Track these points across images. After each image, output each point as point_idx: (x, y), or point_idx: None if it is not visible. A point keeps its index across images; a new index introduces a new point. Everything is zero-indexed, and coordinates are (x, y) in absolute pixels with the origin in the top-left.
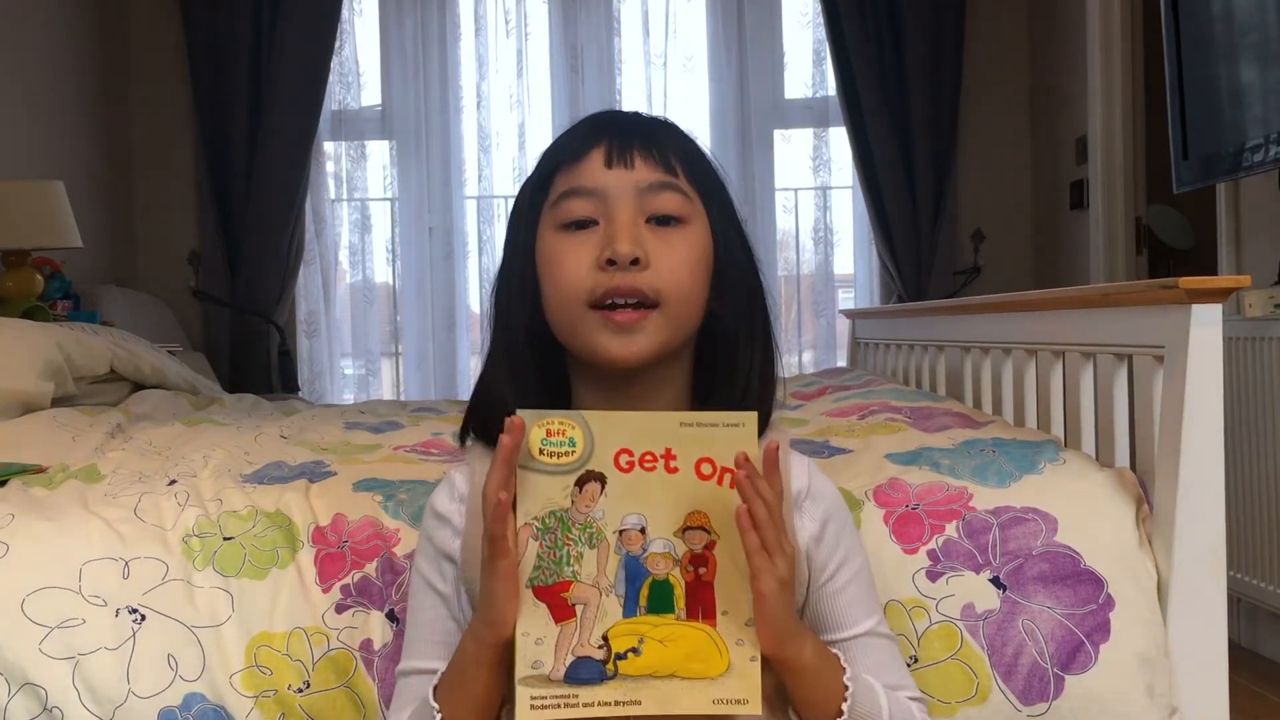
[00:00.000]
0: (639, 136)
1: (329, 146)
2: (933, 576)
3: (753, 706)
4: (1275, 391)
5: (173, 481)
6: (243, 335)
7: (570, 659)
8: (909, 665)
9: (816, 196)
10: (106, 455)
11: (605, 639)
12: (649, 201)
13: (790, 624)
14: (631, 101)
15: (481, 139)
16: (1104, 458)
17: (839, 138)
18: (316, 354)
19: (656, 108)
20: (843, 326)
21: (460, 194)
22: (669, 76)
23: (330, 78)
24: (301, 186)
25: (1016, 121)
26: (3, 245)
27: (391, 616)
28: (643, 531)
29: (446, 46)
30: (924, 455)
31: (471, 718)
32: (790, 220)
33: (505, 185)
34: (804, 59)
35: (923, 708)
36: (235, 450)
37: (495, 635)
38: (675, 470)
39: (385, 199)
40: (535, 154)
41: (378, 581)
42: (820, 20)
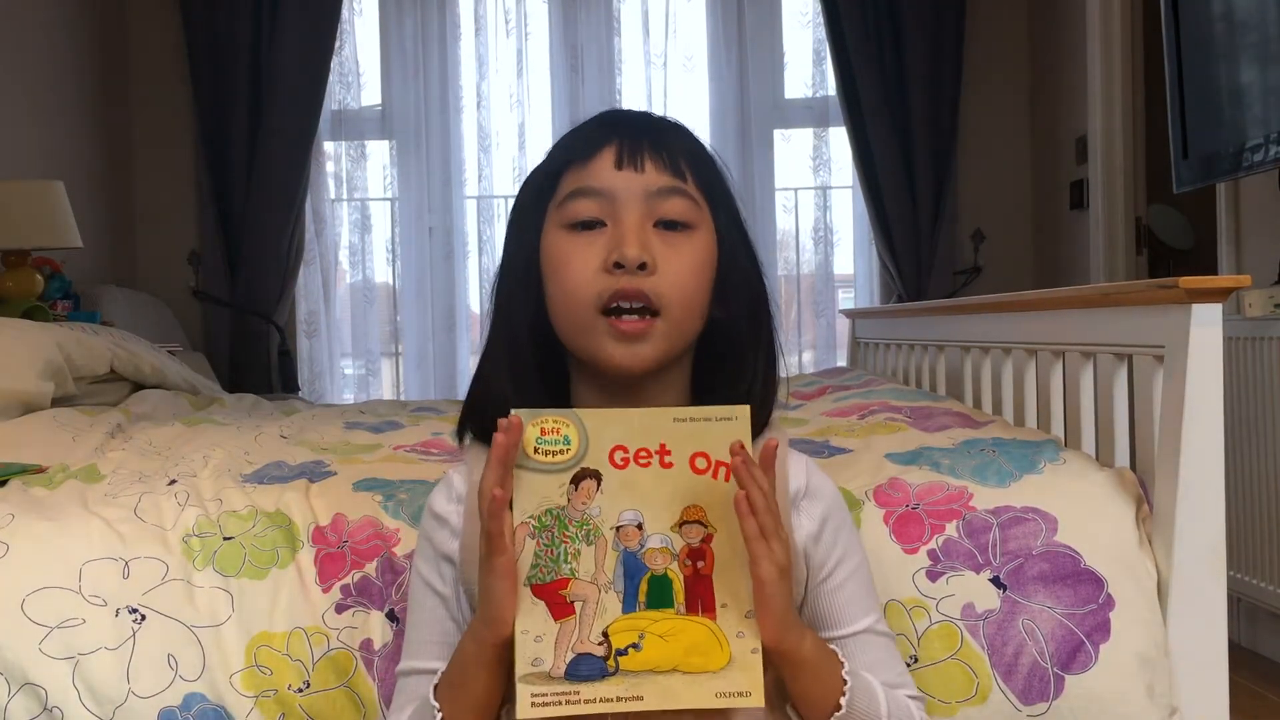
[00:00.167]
0: (649, 138)
1: (329, 146)
2: (933, 576)
3: (755, 699)
4: (1275, 391)
5: (173, 481)
6: (243, 335)
7: (570, 656)
8: (909, 665)
9: (816, 196)
10: (106, 455)
11: (605, 635)
12: (657, 206)
13: (790, 614)
14: (631, 101)
15: (481, 139)
16: (1104, 458)
17: (839, 138)
18: (316, 354)
19: (656, 108)
20: (843, 326)
21: (460, 194)
22: (669, 76)
23: (330, 78)
24: (301, 186)
25: (1016, 121)
26: (3, 245)
27: (391, 616)
28: (640, 527)
29: (446, 46)
30: (924, 455)
31: (472, 717)
32: (790, 220)
33: (505, 185)
34: (804, 59)
35: (920, 706)
36: (235, 450)
37: (495, 634)
38: (670, 465)
39: (385, 199)
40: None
41: (378, 581)
42: (820, 20)
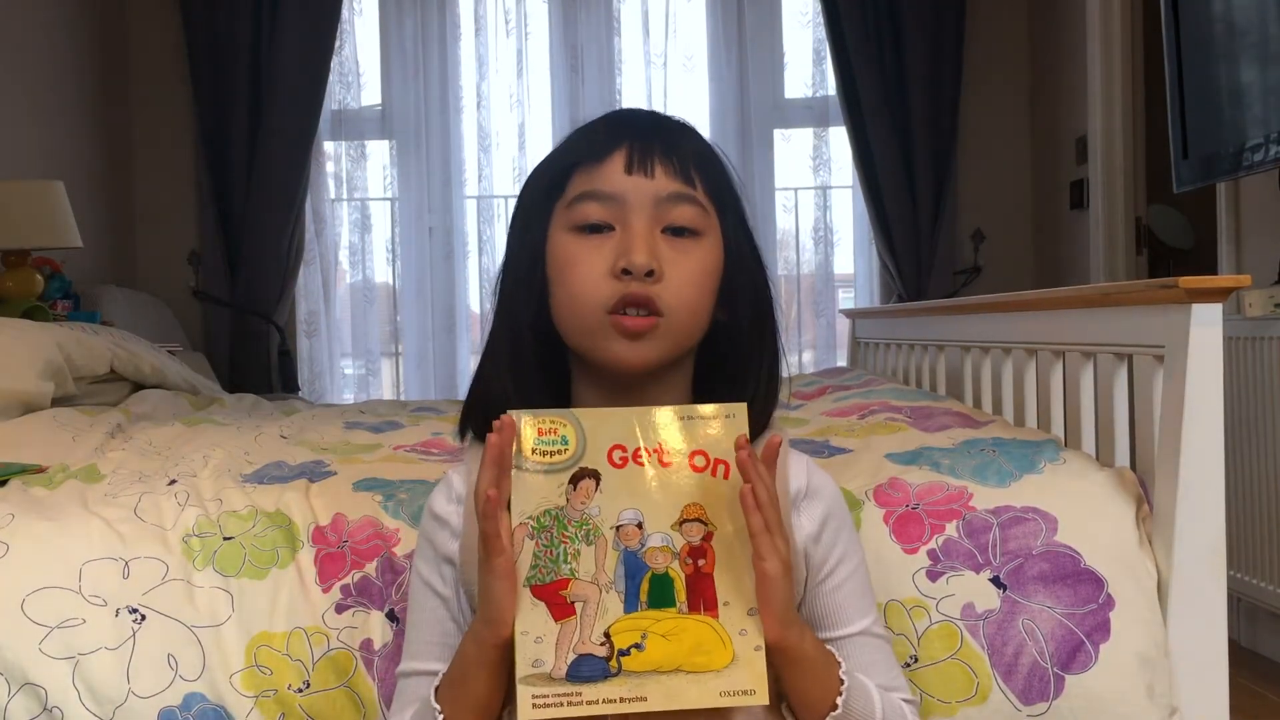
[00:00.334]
0: (660, 142)
1: (329, 146)
2: (933, 576)
3: (760, 697)
4: (1275, 391)
5: (173, 481)
6: (243, 335)
7: (572, 657)
8: (909, 665)
9: (816, 196)
10: (106, 455)
11: (607, 635)
12: (666, 212)
13: (792, 610)
14: (631, 101)
15: (481, 139)
16: (1104, 457)
17: (839, 138)
18: (316, 354)
19: (657, 108)
20: (843, 326)
21: (460, 194)
22: (669, 76)
23: (330, 78)
24: (301, 186)
25: (1016, 121)
26: (3, 245)
27: (391, 616)
28: (640, 526)
29: (446, 46)
30: (924, 455)
31: (473, 718)
32: (790, 220)
33: (505, 185)
34: (804, 59)
35: (914, 709)
36: (235, 450)
37: (495, 635)
38: (669, 464)
39: (385, 199)
40: (535, 154)
41: (378, 581)
42: (820, 20)
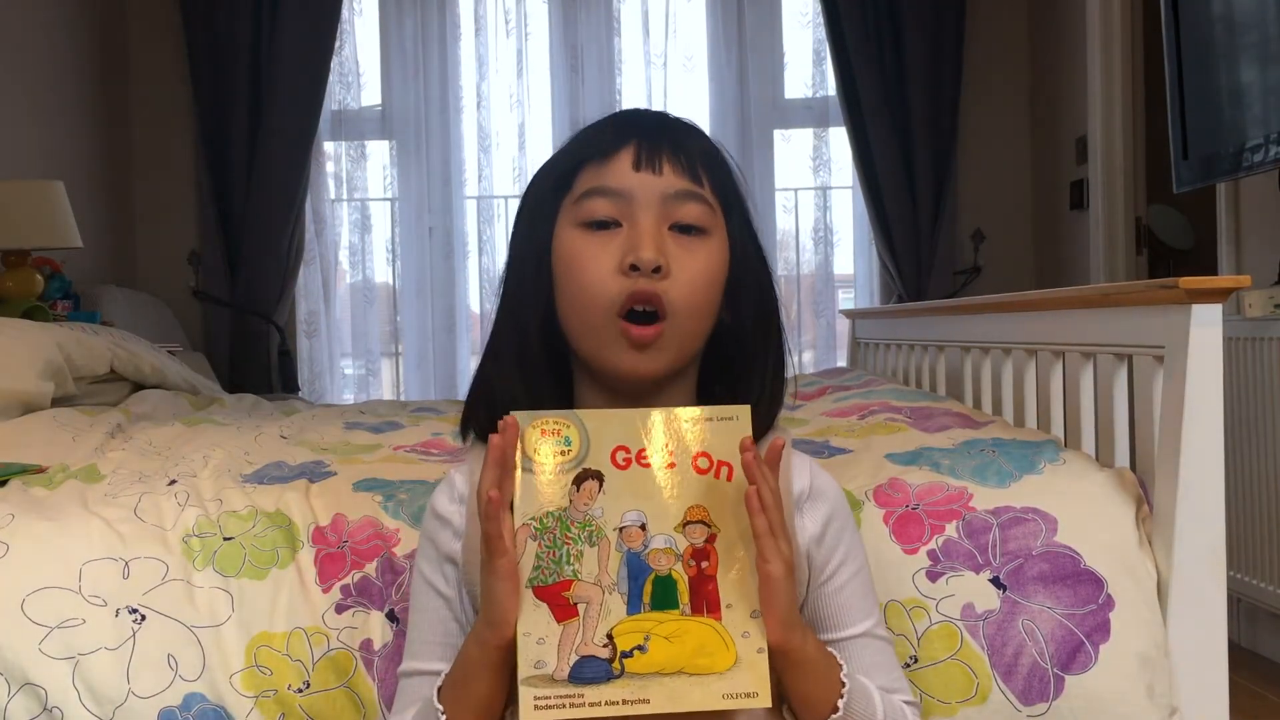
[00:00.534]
0: (668, 140)
1: (329, 146)
2: (933, 576)
3: (762, 699)
4: (1275, 391)
5: (173, 481)
6: (243, 335)
7: (574, 658)
8: (909, 665)
9: (816, 196)
10: (106, 455)
11: (610, 637)
12: (674, 209)
13: (795, 613)
14: (631, 101)
15: (481, 139)
16: (1104, 458)
17: (839, 138)
18: (316, 354)
19: (657, 108)
20: (843, 326)
21: (460, 194)
22: (669, 76)
23: (330, 78)
24: (301, 186)
25: (1016, 121)
26: (3, 245)
27: (391, 616)
28: (643, 528)
29: (446, 46)
30: (924, 455)
31: (476, 718)
32: (790, 220)
33: (505, 185)
34: (804, 59)
35: (916, 711)
36: (235, 450)
37: (498, 636)
38: (673, 465)
39: (385, 199)
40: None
41: (378, 581)
42: (820, 20)
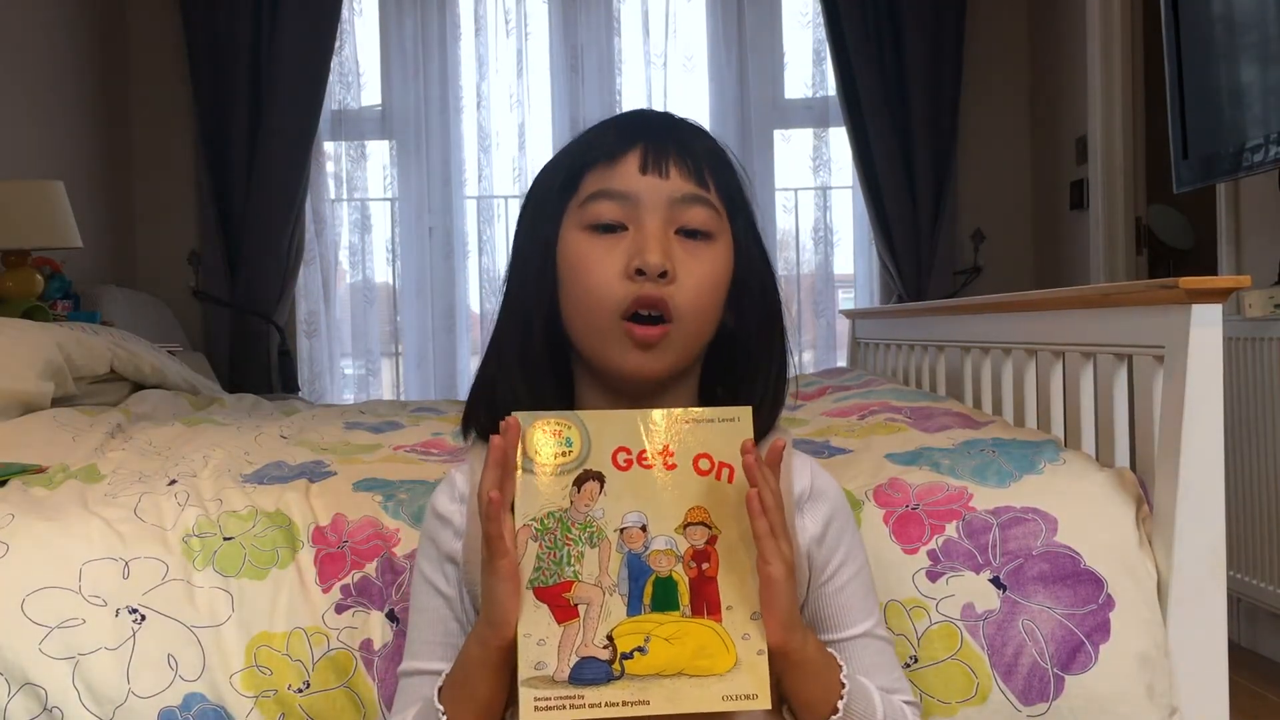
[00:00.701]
0: (674, 144)
1: (329, 146)
2: (933, 576)
3: (762, 701)
4: (1275, 391)
5: (173, 481)
6: (243, 335)
7: (574, 659)
8: (909, 665)
9: (816, 196)
10: (106, 455)
11: (610, 638)
12: (680, 213)
13: (795, 614)
14: (631, 101)
15: (481, 139)
16: (1104, 458)
17: (839, 138)
18: (316, 354)
19: (657, 108)
20: (843, 326)
21: (460, 194)
22: (669, 76)
23: (330, 78)
24: (301, 186)
25: (1016, 121)
26: (3, 245)
27: (391, 616)
28: (644, 529)
29: (446, 46)
30: (924, 455)
31: (477, 719)
32: (790, 220)
33: (505, 185)
34: (804, 59)
35: (916, 711)
36: (235, 450)
37: (499, 636)
38: (673, 467)
39: (385, 199)
40: (535, 154)
41: (378, 581)
42: (820, 20)
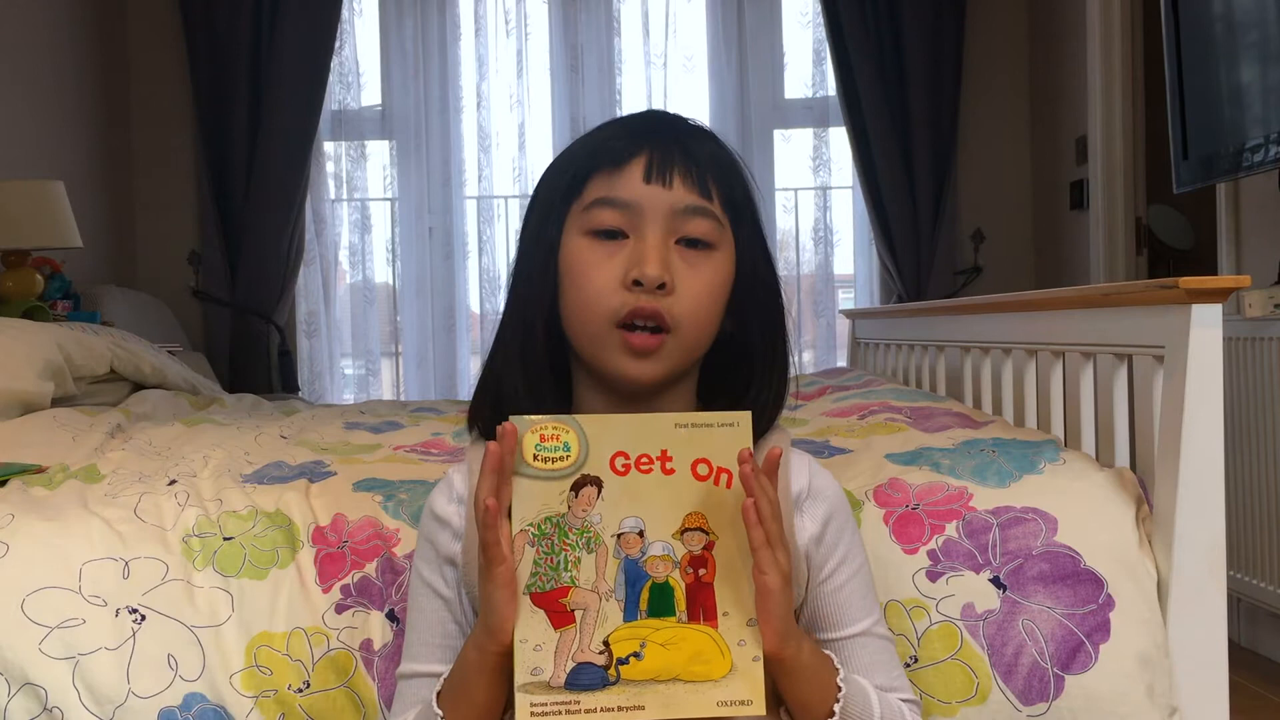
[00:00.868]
0: (680, 151)
1: (329, 146)
2: (933, 576)
3: (756, 707)
4: (1275, 391)
5: (173, 481)
6: (243, 335)
7: (571, 665)
8: (909, 665)
9: (816, 196)
10: (106, 455)
11: (606, 644)
12: (681, 224)
13: (791, 622)
14: (631, 102)
15: (481, 139)
16: (1104, 458)
17: (839, 138)
18: (316, 354)
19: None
20: (843, 326)
21: (460, 194)
22: (669, 76)
23: (330, 78)
24: (301, 186)
25: (1016, 121)
26: (3, 245)
27: (391, 616)
28: (641, 534)
29: (446, 46)
30: (924, 455)
31: None
32: (790, 220)
33: (505, 185)
34: (804, 59)
35: (914, 709)
36: (235, 450)
37: (496, 642)
38: (671, 472)
39: (385, 199)
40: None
41: (378, 581)
42: (820, 20)
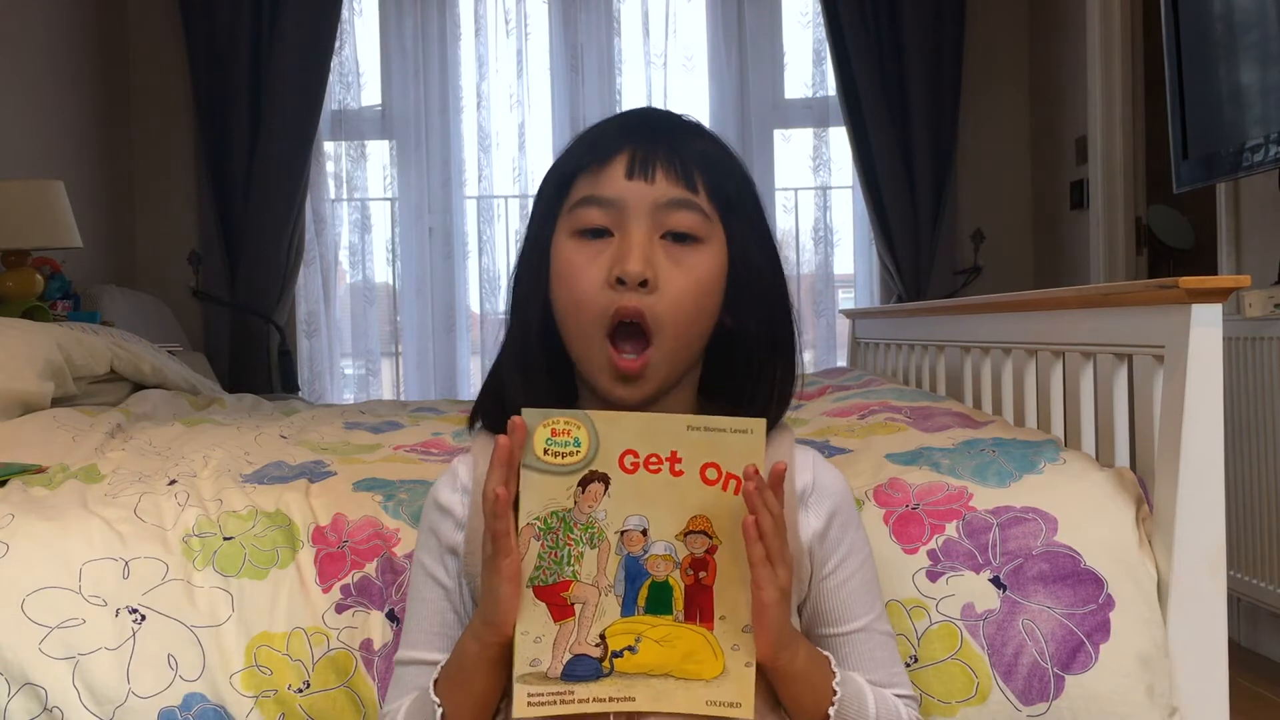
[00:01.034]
0: (664, 146)
1: (329, 146)
2: (933, 576)
3: (744, 711)
4: (1275, 391)
5: (173, 481)
6: (243, 335)
7: (567, 657)
8: (909, 665)
9: (816, 196)
10: (106, 455)
11: (603, 637)
12: (666, 218)
13: (786, 632)
14: (631, 102)
15: (481, 139)
16: (1104, 458)
17: (839, 138)
18: (316, 354)
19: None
20: (843, 326)
21: (460, 194)
22: (669, 76)
23: (330, 78)
24: (301, 186)
25: (1016, 121)
26: (3, 245)
27: (391, 616)
28: (644, 533)
29: (446, 46)
30: (924, 455)
31: (471, 713)
32: (790, 220)
33: (505, 185)
34: (804, 59)
35: (912, 705)
36: (235, 450)
37: (496, 635)
38: (680, 474)
39: (385, 199)
40: (535, 154)
41: (378, 581)
42: (820, 20)
